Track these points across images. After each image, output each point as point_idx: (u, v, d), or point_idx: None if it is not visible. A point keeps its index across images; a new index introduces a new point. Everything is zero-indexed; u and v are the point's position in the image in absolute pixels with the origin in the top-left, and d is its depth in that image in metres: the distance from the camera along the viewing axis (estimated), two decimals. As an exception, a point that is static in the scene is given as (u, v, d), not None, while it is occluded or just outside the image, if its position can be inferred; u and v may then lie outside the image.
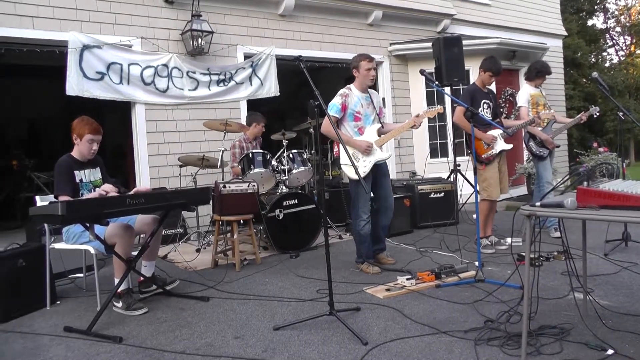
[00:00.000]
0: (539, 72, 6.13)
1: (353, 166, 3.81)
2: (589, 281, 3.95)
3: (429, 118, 4.98)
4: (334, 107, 4.78)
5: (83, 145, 4.17)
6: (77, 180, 4.12)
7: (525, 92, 6.08)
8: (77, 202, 3.55)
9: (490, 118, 5.48)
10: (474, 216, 4.92)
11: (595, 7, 22.94)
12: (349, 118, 4.81)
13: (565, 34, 13.83)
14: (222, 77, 7.63)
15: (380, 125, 4.89)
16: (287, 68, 8.03)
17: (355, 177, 4.64)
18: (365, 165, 4.74)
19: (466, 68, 8.10)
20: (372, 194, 4.93)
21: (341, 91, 4.87)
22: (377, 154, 4.77)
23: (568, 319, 3.37)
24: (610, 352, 2.83)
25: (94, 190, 4.18)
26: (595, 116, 6.00)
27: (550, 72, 6.21)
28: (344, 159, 4.84)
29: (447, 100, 9.46)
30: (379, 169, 4.90)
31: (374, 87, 9.73)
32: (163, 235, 5.25)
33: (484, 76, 5.62)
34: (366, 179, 4.74)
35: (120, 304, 4.01)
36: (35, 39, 6.27)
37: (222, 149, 6.18)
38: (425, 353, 2.99)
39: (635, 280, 4.23)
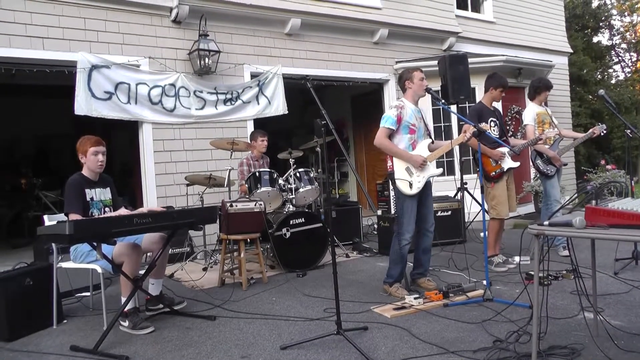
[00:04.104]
0: (537, 89, 6.13)
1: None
2: (599, 300, 3.90)
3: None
4: (389, 120, 4.62)
5: (90, 160, 4.20)
6: (88, 199, 4.14)
7: (531, 111, 6.07)
8: (85, 222, 3.56)
9: (497, 136, 5.48)
10: (482, 234, 4.88)
11: (601, 24, 22.93)
12: (404, 130, 4.66)
13: (571, 51, 13.84)
14: (229, 96, 7.67)
15: (430, 140, 4.80)
16: (294, 86, 8.07)
17: (409, 192, 4.61)
18: (419, 181, 4.62)
19: (472, 86, 8.10)
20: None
21: (395, 103, 4.78)
22: (430, 169, 4.66)
23: (578, 339, 3.34)
24: (622, 373, 2.79)
25: (104, 210, 4.21)
26: (602, 134, 5.97)
27: (549, 86, 6.18)
28: (398, 174, 4.67)
29: (454, 118, 9.48)
30: (425, 187, 4.75)
31: (381, 106, 9.79)
32: (170, 253, 5.26)
33: (495, 93, 5.62)
34: (415, 195, 4.65)
35: (126, 323, 4.01)
36: (45, 59, 6.34)
37: (229, 167, 6.20)
38: (433, 374, 2.96)
39: (646, 299, 4.18)
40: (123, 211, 4.10)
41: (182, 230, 5.61)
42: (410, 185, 4.61)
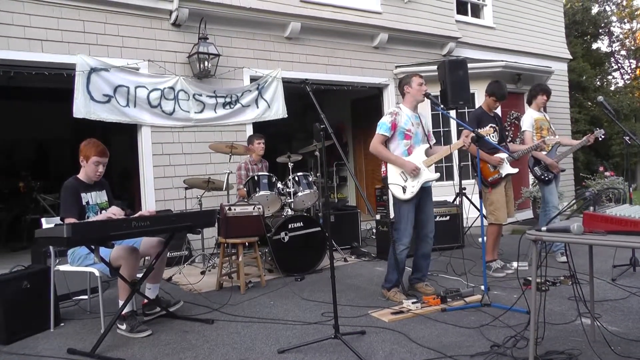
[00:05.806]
0: (533, 92, 6.17)
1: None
2: (597, 306, 3.90)
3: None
4: (383, 126, 4.68)
5: (89, 168, 4.19)
6: (84, 203, 4.13)
7: (529, 117, 6.08)
8: (83, 225, 3.55)
9: (497, 142, 5.48)
10: (480, 239, 4.88)
11: (600, 30, 22.98)
12: (399, 136, 4.69)
13: (570, 57, 13.86)
14: (228, 99, 7.68)
15: (428, 145, 4.79)
16: (293, 90, 8.08)
17: (402, 197, 4.62)
18: (413, 186, 4.61)
19: (471, 91, 8.10)
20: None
21: (391, 109, 4.81)
22: (425, 174, 4.64)
23: (576, 344, 3.33)
24: (619, 379, 2.78)
25: (100, 213, 4.19)
26: (600, 139, 5.97)
27: (546, 91, 6.18)
28: (391, 179, 4.70)
29: (453, 123, 9.49)
30: (424, 192, 4.74)
31: (380, 111, 9.79)
32: (168, 257, 5.24)
33: (489, 100, 5.65)
34: (411, 200, 4.65)
35: (124, 326, 4.00)
36: (44, 62, 6.35)
37: (228, 171, 6.20)
38: (431, 379, 2.96)
39: (643, 305, 4.18)
40: (114, 210, 4.07)
41: (180, 233, 5.61)
42: (404, 190, 4.62)
